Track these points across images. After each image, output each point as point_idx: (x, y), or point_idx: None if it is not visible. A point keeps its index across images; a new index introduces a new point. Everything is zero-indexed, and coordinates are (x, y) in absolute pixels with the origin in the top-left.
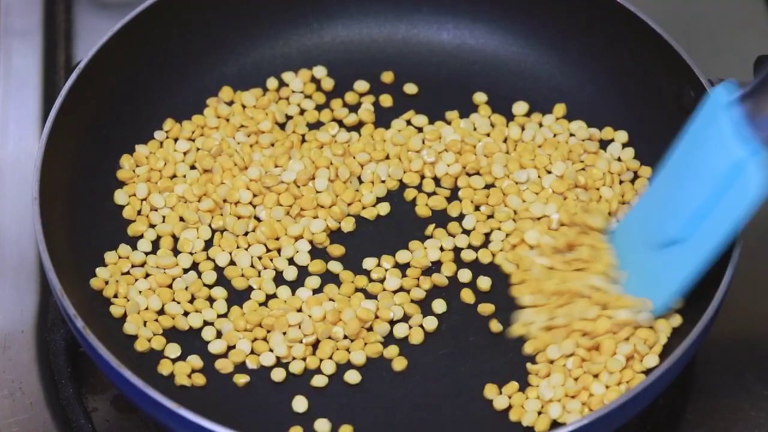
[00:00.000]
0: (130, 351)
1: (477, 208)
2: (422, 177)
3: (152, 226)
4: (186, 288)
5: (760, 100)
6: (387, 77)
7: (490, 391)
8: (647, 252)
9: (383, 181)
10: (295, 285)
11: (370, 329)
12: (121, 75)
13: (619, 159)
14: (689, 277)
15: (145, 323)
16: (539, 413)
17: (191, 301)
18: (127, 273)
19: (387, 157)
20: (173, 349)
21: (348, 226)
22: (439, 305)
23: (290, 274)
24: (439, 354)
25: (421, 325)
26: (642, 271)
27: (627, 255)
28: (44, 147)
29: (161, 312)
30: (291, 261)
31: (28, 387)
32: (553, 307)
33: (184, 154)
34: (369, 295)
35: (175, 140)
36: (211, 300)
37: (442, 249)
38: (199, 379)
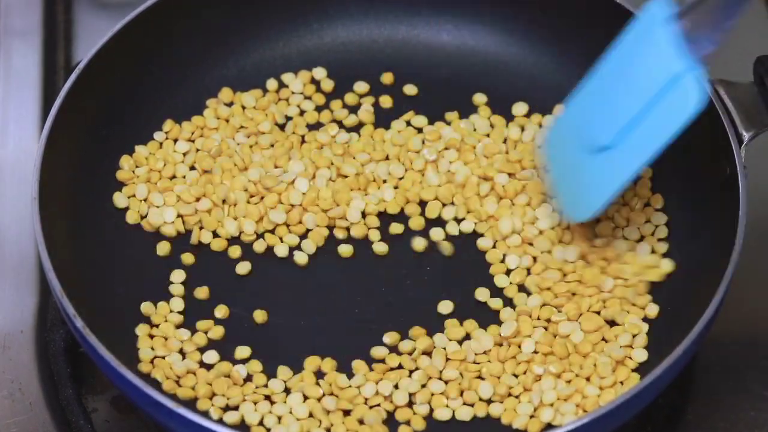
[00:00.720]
0: (131, 351)
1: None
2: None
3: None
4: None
5: (695, 19)
6: (387, 78)
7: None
8: (578, 156)
9: (385, 181)
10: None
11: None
12: (121, 75)
13: None
14: (618, 186)
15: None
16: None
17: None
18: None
19: (387, 158)
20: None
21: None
22: (445, 306)
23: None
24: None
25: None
26: (572, 175)
27: (558, 158)
28: (44, 147)
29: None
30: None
31: (28, 387)
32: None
33: (184, 154)
34: None
35: (175, 141)
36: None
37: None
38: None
